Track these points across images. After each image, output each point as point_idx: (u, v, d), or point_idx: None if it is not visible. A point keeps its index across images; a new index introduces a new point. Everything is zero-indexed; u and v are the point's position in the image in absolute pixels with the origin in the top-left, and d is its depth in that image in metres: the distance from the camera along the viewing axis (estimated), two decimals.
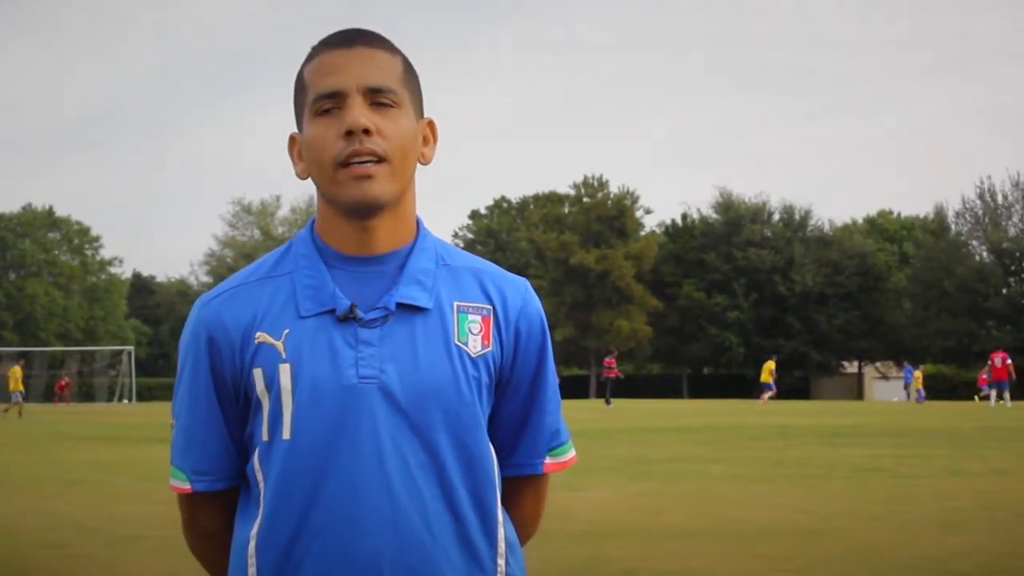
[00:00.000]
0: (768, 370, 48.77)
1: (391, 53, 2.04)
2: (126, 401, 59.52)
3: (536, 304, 2.14)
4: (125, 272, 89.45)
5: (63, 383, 58.28)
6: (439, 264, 2.07)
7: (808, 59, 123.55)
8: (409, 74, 2.05)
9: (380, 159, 1.95)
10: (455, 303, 2.05)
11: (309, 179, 2.04)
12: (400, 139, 1.98)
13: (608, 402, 43.07)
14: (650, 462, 16.10)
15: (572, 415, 32.53)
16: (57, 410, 46.32)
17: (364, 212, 1.98)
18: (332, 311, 1.99)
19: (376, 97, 1.97)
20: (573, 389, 67.50)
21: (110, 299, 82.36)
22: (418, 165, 2.06)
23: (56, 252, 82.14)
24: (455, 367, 2.00)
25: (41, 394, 61.23)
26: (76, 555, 8.58)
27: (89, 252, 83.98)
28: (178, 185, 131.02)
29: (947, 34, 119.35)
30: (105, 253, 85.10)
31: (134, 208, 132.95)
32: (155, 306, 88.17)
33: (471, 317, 2.05)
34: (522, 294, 2.12)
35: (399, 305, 2.00)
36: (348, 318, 1.98)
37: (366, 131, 1.94)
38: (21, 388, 40.84)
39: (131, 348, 64.16)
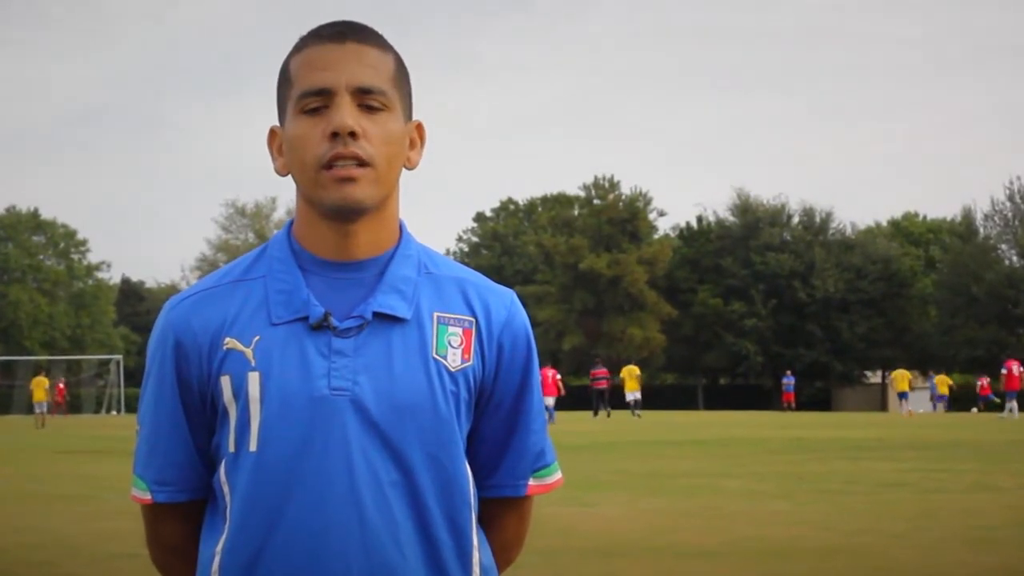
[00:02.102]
0: (907, 378, 48.50)
1: (383, 51, 2.03)
2: (114, 412, 59.53)
3: (522, 317, 2.13)
4: (113, 277, 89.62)
5: (60, 391, 58.04)
6: (421, 272, 2.07)
7: (829, 55, 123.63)
8: (400, 74, 2.05)
9: (364, 163, 1.95)
10: (435, 314, 2.04)
11: (289, 176, 2.04)
12: (387, 143, 1.98)
13: (608, 413, 43.11)
14: (663, 477, 16.09)
15: (581, 427, 32.72)
16: (51, 420, 46.43)
17: (345, 216, 1.98)
18: (305, 318, 1.99)
19: (365, 98, 1.97)
20: (582, 400, 67.42)
21: (97, 306, 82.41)
22: (404, 170, 2.06)
23: (41, 256, 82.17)
24: (432, 381, 2.00)
25: (25, 405, 61.30)
26: (62, 574, 8.60)
27: (76, 256, 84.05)
28: (169, 186, 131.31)
29: (976, 28, 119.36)
30: (92, 257, 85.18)
31: (123, 210, 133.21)
32: (145, 313, 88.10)
33: (452, 329, 2.04)
34: (507, 306, 2.11)
35: (376, 314, 2.00)
36: (322, 326, 1.98)
37: (352, 134, 1.94)
38: (46, 399, 41.95)
39: (119, 357, 64.15)
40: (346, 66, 1.97)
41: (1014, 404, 39.61)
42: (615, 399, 46.01)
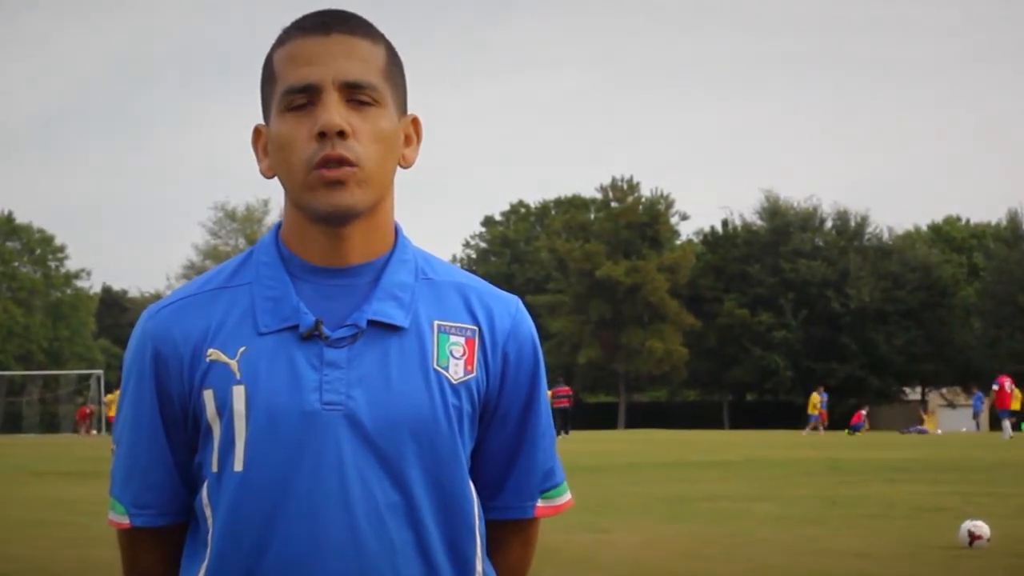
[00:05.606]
0: (813, 403, 50.64)
1: (373, 42, 2.02)
2: (95, 431, 59.56)
3: (528, 325, 2.13)
4: (93, 286, 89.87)
5: (87, 411, 57.92)
6: (419, 278, 2.06)
7: (865, 48, 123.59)
8: (392, 66, 2.04)
9: (354, 164, 1.94)
10: (435, 322, 2.04)
11: (275, 179, 2.03)
12: (378, 141, 1.97)
13: (566, 432, 43.33)
14: (686, 500, 16.08)
15: (598, 447, 32.76)
16: (77, 441, 46.82)
17: (336, 220, 1.97)
18: (295, 327, 1.98)
19: (354, 94, 1.96)
20: (599, 418, 67.50)
21: (77, 316, 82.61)
22: (399, 168, 2.05)
23: (16, 264, 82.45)
24: (433, 394, 1.99)
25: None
26: None
27: (53, 264, 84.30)
28: (153, 188, 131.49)
29: (1019, 23, 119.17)
30: (71, 265, 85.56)
31: (104, 214, 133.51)
32: (127, 325, 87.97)
33: (453, 339, 2.04)
34: (512, 313, 2.11)
35: (371, 323, 1.99)
36: (312, 336, 1.97)
37: (341, 133, 1.92)
38: None
39: (100, 372, 64.20)
40: (332, 60, 1.96)
41: (1006, 423, 39.29)
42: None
